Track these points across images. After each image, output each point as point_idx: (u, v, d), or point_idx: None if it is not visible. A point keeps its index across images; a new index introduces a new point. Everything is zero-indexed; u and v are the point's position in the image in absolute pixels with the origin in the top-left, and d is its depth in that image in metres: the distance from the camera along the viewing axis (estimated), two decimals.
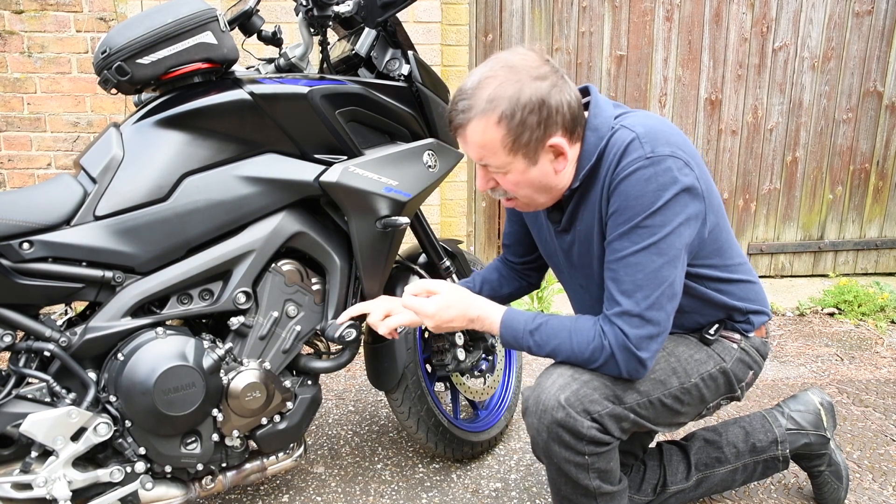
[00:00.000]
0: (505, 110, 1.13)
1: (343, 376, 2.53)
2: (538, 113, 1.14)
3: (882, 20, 3.33)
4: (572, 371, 1.23)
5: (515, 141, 1.15)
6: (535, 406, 1.24)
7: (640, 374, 1.20)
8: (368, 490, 1.79)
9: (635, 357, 1.17)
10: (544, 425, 1.22)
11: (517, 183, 1.22)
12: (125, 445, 1.31)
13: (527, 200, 1.27)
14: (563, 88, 1.16)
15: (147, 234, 1.29)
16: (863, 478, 1.80)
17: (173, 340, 1.31)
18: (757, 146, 3.46)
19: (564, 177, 1.24)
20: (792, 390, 2.36)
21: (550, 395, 1.22)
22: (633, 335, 1.16)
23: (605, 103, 1.26)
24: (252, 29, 1.51)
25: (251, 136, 1.37)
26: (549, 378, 1.24)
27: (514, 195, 1.26)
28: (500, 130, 1.15)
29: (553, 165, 1.21)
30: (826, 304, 3.17)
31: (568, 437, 1.21)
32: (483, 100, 1.15)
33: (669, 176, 1.13)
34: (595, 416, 1.21)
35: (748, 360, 1.38)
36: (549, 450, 1.24)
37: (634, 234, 1.15)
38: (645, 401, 1.26)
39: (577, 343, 1.22)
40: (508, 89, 1.13)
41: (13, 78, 2.92)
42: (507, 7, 3.19)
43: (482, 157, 1.20)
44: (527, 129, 1.15)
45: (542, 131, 1.16)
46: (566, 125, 1.18)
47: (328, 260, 1.48)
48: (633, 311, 1.16)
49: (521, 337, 1.25)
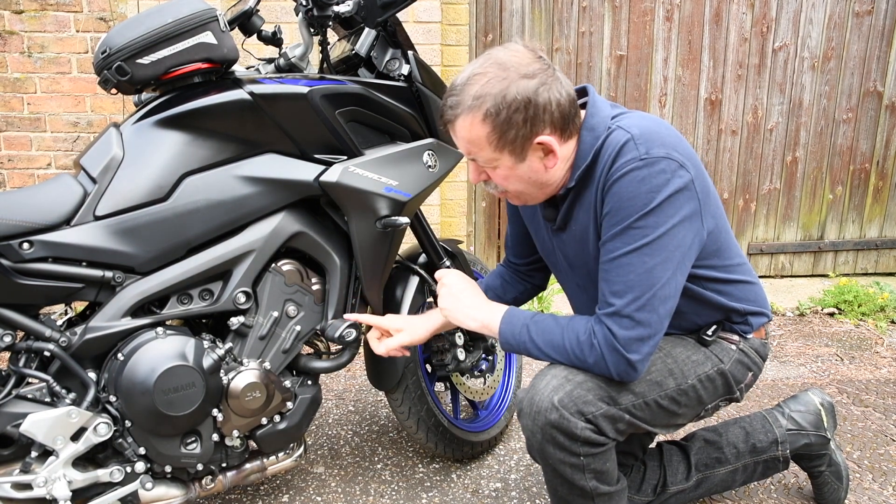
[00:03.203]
0: (490, 108, 1.14)
1: (343, 376, 2.53)
2: (524, 111, 1.14)
3: (882, 20, 3.33)
4: (566, 372, 1.23)
5: (501, 138, 1.16)
6: (529, 407, 1.24)
7: (630, 376, 1.19)
8: (368, 490, 1.79)
9: (624, 359, 1.16)
10: (538, 426, 1.22)
11: (506, 177, 1.24)
12: (125, 445, 1.31)
13: (517, 194, 1.28)
14: (552, 86, 1.16)
15: (147, 234, 1.29)
16: (863, 478, 1.80)
17: (173, 340, 1.31)
18: (757, 146, 3.46)
19: (557, 173, 1.24)
20: (792, 390, 2.36)
21: (544, 396, 1.21)
22: (621, 336, 1.15)
23: (603, 103, 1.26)
24: (252, 29, 1.51)
25: (251, 136, 1.37)
26: (543, 379, 1.24)
27: (504, 189, 1.27)
28: (485, 127, 1.16)
29: (543, 162, 1.21)
30: (826, 304, 3.17)
31: (562, 438, 1.21)
32: (470, 96, 1.16)
33: (663, 178, 1.13)
34: (589, 417, 1.20)
35: (747, 361, 1.38)
36: (544, 451, 1.24)
37: (627, 234, 1.15)
38: (640, 402, 1.25)
39: (569, 341, 1.21)
40: (495, 87, 1.14)
41: (13, 78, 2.92)
42: (507, 7, 3.19)
43: (470, 151, 1.22)
44: (512, 127, 1.15)
45: (528, 129, 1.16)
46: (555, 123, 1.18)
47: (328, 260, 1.48)
48: (624, 311, 1.15)
49: (519, 332, 1.25)
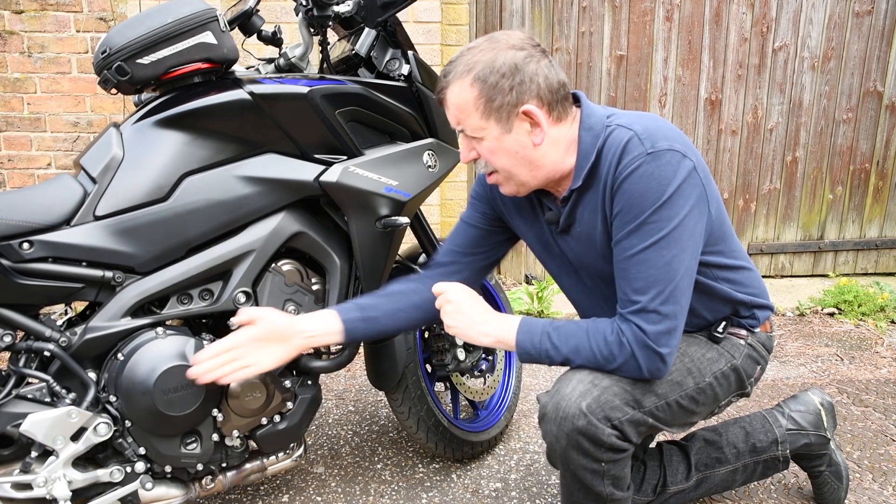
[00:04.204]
0: (479, 73, 1.18)
1: (343, 376, 2.53)
2: (511, 78, 1.17)
3: (882, 20, 3.33)
4: (592, 377, 1.21)
5: (487, 103, 1.18)
6: (554, 413, 1.22)
7: (661, 372, 1.19)
8: (368, 490, 1.79)
9: (656, 354, 1.16)
10: (564, 433, 1.21)
11: (493, 150, 1.23)
12: (125, 445, 1.31)
13: (506, 174, 1.26)
14: (540, 62, 1.19)
15: (147, 234, 1.29)
16: (863, 478, 1.80)
17: (173, 340, 1.31)
18: (757, 146, 3.46)
19: (547, 155, 1.22)
20: (792, 390, 2.36)
21: (571, 402, 1.20)
22: (651, 331, 1.16)
23: (596, 106, 1.28)
24: (252, 29, 1.51)
25: (251, 136, 1.37)
26: (569, 385, 1.22)
27: (493, 167, 1.26)
28: (472, 91, 1.18)
29: (530, 137, 1.21)
30: (826, 304, 3.17)
31: (588, 444, 1.20)
32: (462, 64, 1.20)
33: (670, 169, 1.14)
34: (615, 423, 1.20)
35: (755, 355, 1.39)
36: (567, 457, 1.23)
37: (642, 230, 1.16)
38: (663, 403, 1.25)
39: (596, 343, 1.20)
40: (485, 55, 1.18)
41: (13, 78, 2.92)
42: (507, 7, 3.19)
43: (459, 120, 1.23)
44: (499, 93, 1.17)
45: (514, 97, 1.18)
46: (542, 96, 1.19)
47: (328, 260, 1.48)
48: (650, 307, 1.15)
49: (539, 341, 1.23)
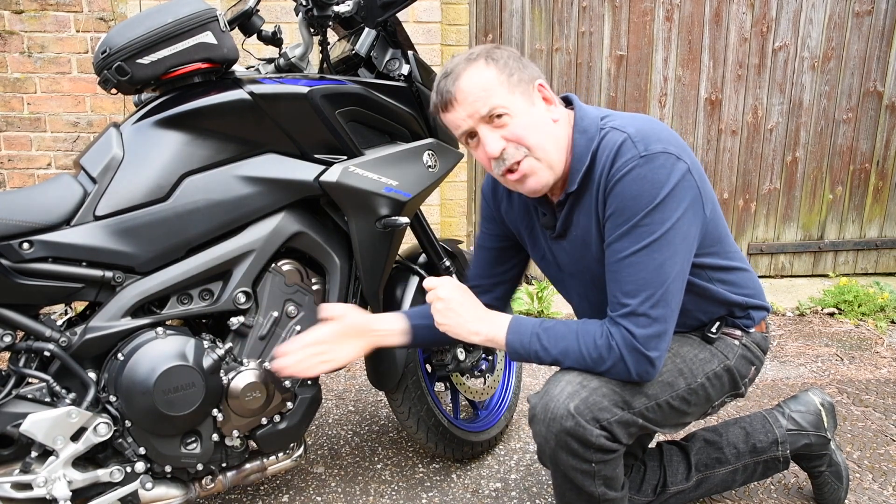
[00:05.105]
0: (489, 56, 1.20)
1: (343, 376, 2.53)
2: (518, 59, 1.22)
3: (882, 20, 3.33)
4: (581, 378, 1.22)
5: (509, 78, 1.20)
6: (543, 414, 1.22)
7: (650, 375, 1.19)
8: (368, 490, 1.79)
9: (645, 357, 1.16)
10: (552, 433, 1.21)
11: (526, 125, 1.19)
12: (125, 445, 1.31)
13: (540, 152, 1.20)
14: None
15: (147, 234, 1.29)
16: (863, 478, 1.80)
17: (173, 340, 1.31)
18: (757, 146, 3.46)
19: (562, 134, 1.23)
20: (792, 390, 2.36)
21: (559, 403, 1.20)
22: (640, 335, 1.16)
23: (589, 107, 1.28)
24: (252, 29, 1.51)
25: (251, 136, 1.37)
26: (558, 385, 1.22)
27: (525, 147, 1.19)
28: (490, 69, 1.20)
29: (549, 113, 1.23)
30: (826, 304, 3.17)
31: (576, 445, 1.20)
32: (463, 61, 1.21)
33: (664, 172, 1.14)
34: (604, 424, 1.20)
35: (750, 356, 1.38)
36: (557, 457, 1.23)
37: (634, 233, 1.15)
38: (653, 404, 1.25)
39: (585, 345, 1.20)
40: (484, 48, 1.23)
41: (13, 78, 2.92)
42: (507, 7, 3.19)
43: (485, 102, 1.18)
44: (515, 70, 1.20)
45: (527, 74, 1.22)
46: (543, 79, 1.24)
47: (328, 260, 1.48)
48: (640, 310, 1.15)
49: (529, 342, 1.23)
